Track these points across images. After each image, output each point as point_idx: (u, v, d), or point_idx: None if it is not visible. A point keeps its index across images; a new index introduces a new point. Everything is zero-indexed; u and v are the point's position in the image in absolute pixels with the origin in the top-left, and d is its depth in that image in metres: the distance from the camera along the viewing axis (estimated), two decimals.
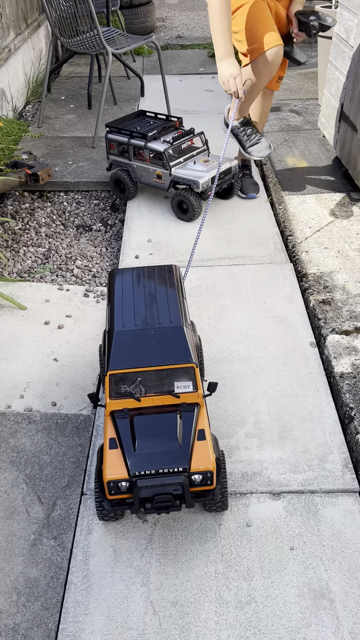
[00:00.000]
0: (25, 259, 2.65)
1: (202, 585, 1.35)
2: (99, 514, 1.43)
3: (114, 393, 1.46)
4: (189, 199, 2.68)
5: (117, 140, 2.85)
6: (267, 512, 1.50)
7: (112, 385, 1.46)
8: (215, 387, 1.51)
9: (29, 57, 4.50)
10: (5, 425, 1.78)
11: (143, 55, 5.42)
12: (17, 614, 1.33)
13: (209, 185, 2.69)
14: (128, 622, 1.29)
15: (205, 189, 2.67)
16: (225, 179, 2.78)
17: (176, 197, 2.73)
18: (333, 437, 1.70)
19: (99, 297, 2.37)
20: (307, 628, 1.27)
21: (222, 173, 2.74)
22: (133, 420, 1.42)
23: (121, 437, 1.39)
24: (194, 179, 2.66)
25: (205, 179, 2.66)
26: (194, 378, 1.47)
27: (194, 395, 1.45)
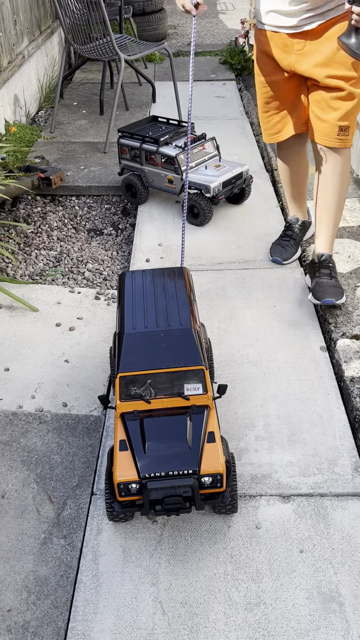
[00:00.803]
0: (37, 262, 2.67)
1: (211, 586, 1.36)
2: (108, 515, 1.44)
3: (124, 395, 1.46)
4: (199, 204, 2.69)
5: (129, 145, 2.88)
6: (277, 515, 1.50)
7: (122, 387, 1.47)
8: (225, 389, 1.51)
9: (42, 63, 4.55)
10: (17, 425, 1.79)
11: (155, 61, 5.47)
12: (27, 612, 1.34)
13: (220, 190, 2.71)
14: (137, 622, 1.29)
15: (216, 193, 2.69)
16: (236, 183, 2.79)
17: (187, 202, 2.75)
18: (343, 441, 1.69)
19: (110, 300, 2.38)
20: (317, 631, 1.27)
21: (233, 178, 2.76)
22: (143, 422, 1.43)
23: (131, 439, 1.39)
24: (205, 183, 2.68)
25: (216, 184, 2.68)
26: (204, 380, 1.47)
27: (203, 398, 1.46)
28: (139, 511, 1.38)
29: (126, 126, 2.98)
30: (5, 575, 1.40)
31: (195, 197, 2.70)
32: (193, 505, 1.37)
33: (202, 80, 5.00)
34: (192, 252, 2.59)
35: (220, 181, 2.69)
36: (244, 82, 5.01)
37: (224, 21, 7.48)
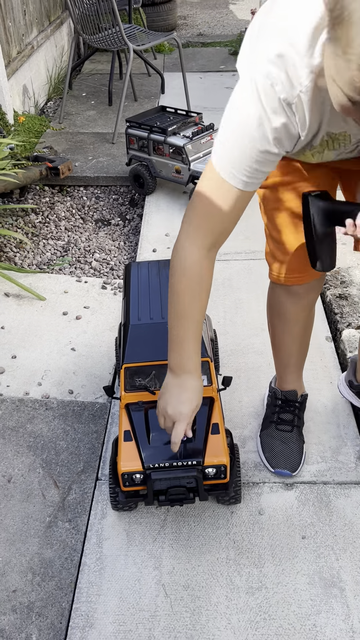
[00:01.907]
0: (44, 252, 2.69)
1: (213, 571, 1.37)
2: (112, 504, 1.44)
3: (129, 386, 1.47)
4: None
5: (137, 135, 2.88)
6: (280, 502, 1.51)
7: (127, 378, 1.47)
8: (229, 381, 1.50)
9: (52, 54, 4.55)
10: (23, 412, 1.81)
11: (164, 52, 5.45)
12: (31, 593, 1.36)
13: None
14: (140, 604, 1.31)
15: None
16: None
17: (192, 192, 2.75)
18: (347, 430, 1.70)
19: (117, 290, 2.39)
20: (317, 615, 1.28)
21: None
22: (148, 413, 1.43)
23: (136, 430, 1.40)
24: None
25: None
26: (209, 372, 1.47)
27: (208, 389, 1.46)
28: (143, 501, 1.38)
29: (134, 116, 2.98)
30: (11, 557, 1.43)
31: None
32: (197, 496, 1.37)
33: (212, 71, 4.98)
34: None
35: None
36: None
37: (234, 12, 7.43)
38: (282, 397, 1.63)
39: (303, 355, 1.61)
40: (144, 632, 1.26)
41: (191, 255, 1.13)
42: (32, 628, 1.30)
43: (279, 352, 1.61)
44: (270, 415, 1.65)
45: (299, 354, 1.59)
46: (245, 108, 0.98)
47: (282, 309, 1.52)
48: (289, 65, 0.91)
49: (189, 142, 2.74)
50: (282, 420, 1.62)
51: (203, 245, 1.13)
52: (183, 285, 1.15)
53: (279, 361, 1.63)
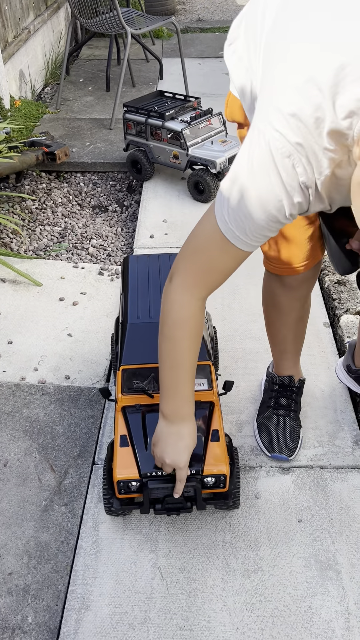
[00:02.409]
0: (41, 238, 2.67)
1: (209, 554, 1.37)
2: (106, 510, 1.39)
3: (126, 388, 1.42)
4: (205, 180, 2.67)
5: (134, 119, 2.85)
6: (276, 486, 1.51)
7: (124, 380, 1.42)
8: (231, 386, 1.44)
9: (49, 38, 4.50)
10: (19, 396, 1.80)
11: (162, 38, 5.39)
12: (27, 575, 1.36)
13: (226, 166, 2.68)
14: (136, 586, 1.31)
15: (222, 169, 2.66)
16: None
17: (192, 178, 2.73)
18: (344, 415, 1.69)
19: (114, 276, 2.38)
20: (313, 597, 1.28)
21: None
22: (145, 417, 1.38)
23: (132, 435, 1.35)
24: (210, 158, 2.65)
25: (222, 159, 2.65)
26: (210, 376, 1.43)
27: (208, 394, 1.42)
28: (139, 509, 1.35)
29: (132, 101, 2.95)
30: (7, 540, 1.43)
31: (201, 173, 2.68)
32: (194, 505, 1.34)
33: (211, 57, 4.93)
34: None
35: (226, 157, 2.66)
36: None
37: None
38: (279, 382, 1.63)
39: (299, 342, 1.61)
40: (140, 614, 1.26)
41: (188, 307, 1.13)
42: (27, 610, 1.30)
43: (275, 341, 1.61)
44: (268, 400, 1.64)
45: (295, 342, 1.59)
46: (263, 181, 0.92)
47: (276, 300, 1.53)
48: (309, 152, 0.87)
49: (187, 127, 2.71)
50: (279, 405, 1.61)
51: (200, 297, 1.13)
52: (178, 335, 1.15)
53: (275, 348, 1.62)
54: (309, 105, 0.83)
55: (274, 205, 0.95)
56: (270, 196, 0.94)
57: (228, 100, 1.32)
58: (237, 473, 1.37)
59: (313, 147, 0.87)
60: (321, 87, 0.81)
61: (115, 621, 1.25)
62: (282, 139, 0.87)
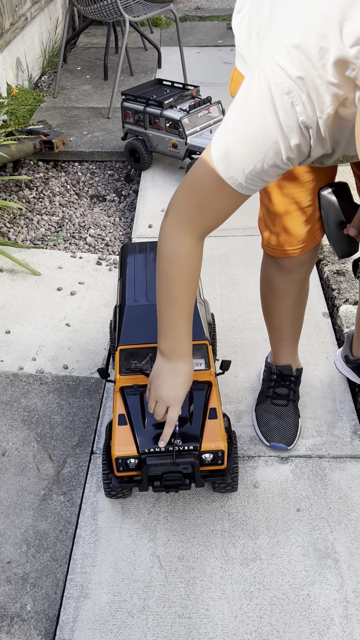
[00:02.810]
0: (39, 227, 2.65)
1: (208, 542, 1.37)
2: (106, 491, 1.40)
3: (124, 369, 1.43)
4: None
5: (132, 108, 2.83)
6: (275, 475, 1.51)
7: (122, 361, 1.43)
8: (228, 365, 1.45)
9: (46, 26, 4.45)
10: (18, 386, 1.80)
11: (161, 26, 5.34)
12: (26, 564, 1.36)
13: None
14: (135, 575, 1.31)
15: None
16: None
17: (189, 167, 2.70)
18: (343, 405, 1.69)
19: (112, 265, 2.37)
20: (311, 585, 1.28)
21: None
22: (143, 396, 1.39)
23: (131, 414, 1.36)
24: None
25: None
26: (207, 355, 1.44)
27: (206, 373, 1.43)
28: (137, 487, 1.35)
29: (130, 89, 2.92)
30: (5, 529, 1.43)
31: None
32: (193, 482, 1.34)
33: (209, 45, 4.88)
34: None
35: None
36: None
37: None
38: (277, 371, 1.62)
39: (297, 330, 1.60)
40: (139, 602, 1.26)
41: (182, 243, 1.10)
42: (26, 598, 1.30)
43: (272, 326, 1.60)
44: (266, 390, 1.64)
45: (292, 329, 1.58)
46: (259, 120, 0.90)
47: (273, 283, 1.52)
48: (310, 87, 0.85)
49: (186, 115, 2.69)
50: (278, 395, 1.61)
51: (194, 234, 1.11)
52: (173, 271, 1.13)
53: (273, 335, 1.62)
54: (312, 35, 0.82)
55: (270, 147, 0.92)
56: (266, 137, 0.91)
57: (233, 75, 1.30)
58: (235, 453, 1.38)
59: (315, 82, 0.84)
60: (327, 14, 0.80)
61: (114, 609, 1.26)
62: (282, 73, 0.85)
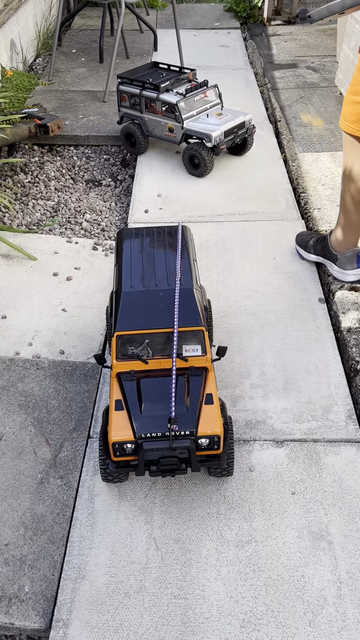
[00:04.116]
0: (34, 212, 2.63)
1: (203, 525, 1.39)
2: (102, 475, 1.41)
3: (120, 355, 1.43)
4: (200, 153, 2.63)
5: (128, 92, 2.80)
6: (270, 459, 1.52)
7: (119, 347, 1.43)
8: (224, 351, 1.47)
9: (40, 7, 4.38)
10: (14, 371, 1.80)
11: (157, 8, 5.26)
12: (24, 546, 1.37)
13: (222, 140, 2.64)
14: (131, 557, 1.33)
15: (217, 142, 2.62)
16: (238, 133, 2.72)
17: (188, 152, 2.69)
18: (338, 390, 1.71)
19: (108, 251, 2.36)
20: (306, 567, 1.30)
21: (235, 127, 2.69)
22: (140, 382, 1.40)
23: (127, 399, 1.37)
24: (206, 132, 2.61)
25: (218, 133, 2.61)
26: (203, 342, 1.44)
27: (202, 359, 1.44)
28: (134, 472, 1.37)
29: (126, 72, 2.89)
30: (3, 512, 1.44)
31: (196, 147, 2.64)
32: (189, 467, 1.36)
33: (206, 28, 4.82)
34: (192, 204, 2.55)
35: (222, 130, 2.62)
36: (249, 30, 4.83)
37: None
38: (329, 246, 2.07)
39: None
40: (135, 583, 1.28)
41: None
42: (24, 580, 1.32)
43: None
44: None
45: None
46: None
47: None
48: None
49: (183, 99, 2.66)
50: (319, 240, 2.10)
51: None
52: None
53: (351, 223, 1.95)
54: None
55: None
56: None
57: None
58: (231, 439, 1.40)
59: None
60: None
61: (111, 590, 1.27)
62: None
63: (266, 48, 4.38)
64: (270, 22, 4.92)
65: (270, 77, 3.88)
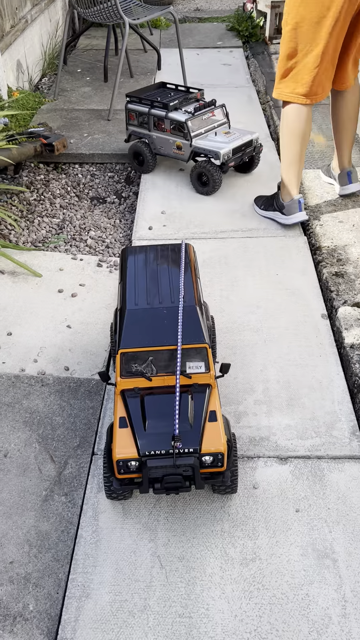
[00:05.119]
0: (39, 229, 2.67)
1: (208, 543, 1.39)
2: (107, 493, 1.41)
3: (124, 372, 1.44)
4: (209, 171, 2.65)
5: (137, 110, 2.83)
6: (274, 476, 1.53)
7: (123, 364, 1.45)
8: (227, 368, 1.47)
9: (46, 28, 4.47)
10: (19, 388, 1.81)
11: (160, 28, 5.35)
12: (28, 564, 1.38)
13: (230, 157, 2.66)
14: (135, 575, 1.33)
15: (226, 160, 2.65)
16: (246, 151, 2.75)
17: (196, 169, 2.71)
18: (341, 406, 1.71)
19: (112, 267, 2.38)
20: (310, 585, 1.30)
21: (243, 145, 2.71)
22: (144, 399, 1.41)
23: (131, 417, 1.38)
24: (214, 149, 2.63)
25: (226, 150, 2.64)
26: (207, 359, 1.45)
27: (206, 376, 1.44)
28: (138, 489, 1.37)
29: (134, 91, 2.93)
30: (8, 529, 1.44)
31: (205, 164, 2.66)
32: (193, 484, 1.36)
33: (209, 47, 4.90)
34: (196, 220, 2.58)
35: (230, 148, 2.65)
36: (251, 49, 4.90)
37: None
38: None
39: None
40: (140, 602, 1.28)
41: None
42: (29, 598, 1.32)
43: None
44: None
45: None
46: None
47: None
48: None
49: (191, 117, 2.69)
50: None
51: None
52: None
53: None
54: None
55: None
56: None
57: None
58: (235, 456, 1.40)
59: None
60: None
61: (115, 609, 1.27)
62: None
63: (268, 66, 4.44)
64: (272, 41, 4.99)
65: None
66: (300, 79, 2.18)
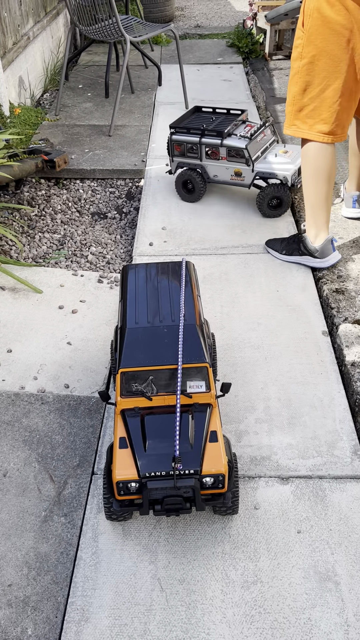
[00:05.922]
0: (40, 245, 2.67)
1: (208, 565, 1.37)
2: (107, 514, 1.40)
3: (125, 391, 1.44)
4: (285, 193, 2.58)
5: (184, 141, 2.72)
6: (275, 496, 1.51)
7: (123, 383, 1.44)
8: (228, 388, 1.46)
9: (48, 45, 4.51)
10: (19, 406, 1.81)
11: (161, 44, 5.41)
12: (27, 587, 1.36)
13: (296, 177, 2.63)
14: (135, 598, 1.31)
15: (294, 181, 2.61)
16: None
17: (268, 194, 2.62)
18: (343, 425, 1.70)
19: (113, 283, 2.38)
20: (312, 609, 1.28)
21: None
22: (144, 419, 1.40)
23: (131, 437, 1.37)
24: (282, 172, 2.57)
25: (293, 171, 2.59)
26: (207, 378, 1.45)
27: (206, 396, 1.44)
28: (138, 511, 1.36)
29: (176, 121, 2.83)
30: (7, 551, 1.43)
31: (279, 188, 2.59)
32: (193, 506, 1.35)
33: (209, 63, 4.95)
34: (196, 236, 2.58)
35: (296, 167, 2.59)
36: (251, 65, 4.95)
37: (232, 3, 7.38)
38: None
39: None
40: (140, 626, 1.26)
41: None
42: (27, 622, 1.30)
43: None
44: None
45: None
46: None
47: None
48: None
49: (249, 142, 2.62)
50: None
51: None
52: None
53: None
54: None
55: None
56: None
57: None
58: (236, 477, 1.39)
59: None
60: None
61: (115, 633, 1.25)
62: None
63: (268, 82, 4.48)
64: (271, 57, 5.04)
65: (272, 110, 3.96)
66: (319, 114, 2.07)
